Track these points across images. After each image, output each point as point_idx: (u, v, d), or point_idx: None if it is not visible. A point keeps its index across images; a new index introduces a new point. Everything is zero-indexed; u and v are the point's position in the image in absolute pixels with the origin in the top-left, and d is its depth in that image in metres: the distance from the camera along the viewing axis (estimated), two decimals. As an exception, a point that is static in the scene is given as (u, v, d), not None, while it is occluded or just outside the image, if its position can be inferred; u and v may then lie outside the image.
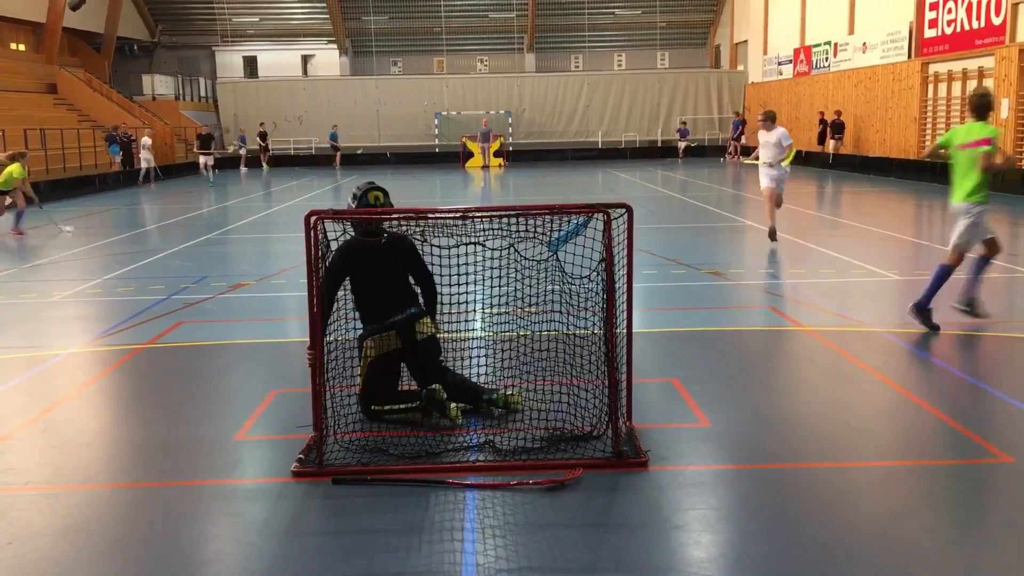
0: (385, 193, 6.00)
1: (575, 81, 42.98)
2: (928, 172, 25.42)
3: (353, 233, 5.80)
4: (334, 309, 5.81)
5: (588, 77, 43.30)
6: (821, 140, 32.60)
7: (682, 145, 39.63)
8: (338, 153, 38.75)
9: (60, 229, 8.68)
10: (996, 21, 22.77)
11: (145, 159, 30.05)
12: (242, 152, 37.48)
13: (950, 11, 25.04)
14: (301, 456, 5.34)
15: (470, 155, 37.60)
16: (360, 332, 6.08)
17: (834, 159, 31.49)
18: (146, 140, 30.20)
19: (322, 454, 5.25)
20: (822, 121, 32.51)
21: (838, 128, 31.41)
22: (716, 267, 11.83)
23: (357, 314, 6.05)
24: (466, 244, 5.58)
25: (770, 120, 13.44)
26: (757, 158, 13.70)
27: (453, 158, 38.73)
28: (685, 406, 6.30)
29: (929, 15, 26.21)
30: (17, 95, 31.62)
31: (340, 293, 5.85)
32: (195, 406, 6.61)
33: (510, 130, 41.11)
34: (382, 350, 5.93)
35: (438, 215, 5.48)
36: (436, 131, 41.65)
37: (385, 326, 5.91)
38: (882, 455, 5.49)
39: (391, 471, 5.16)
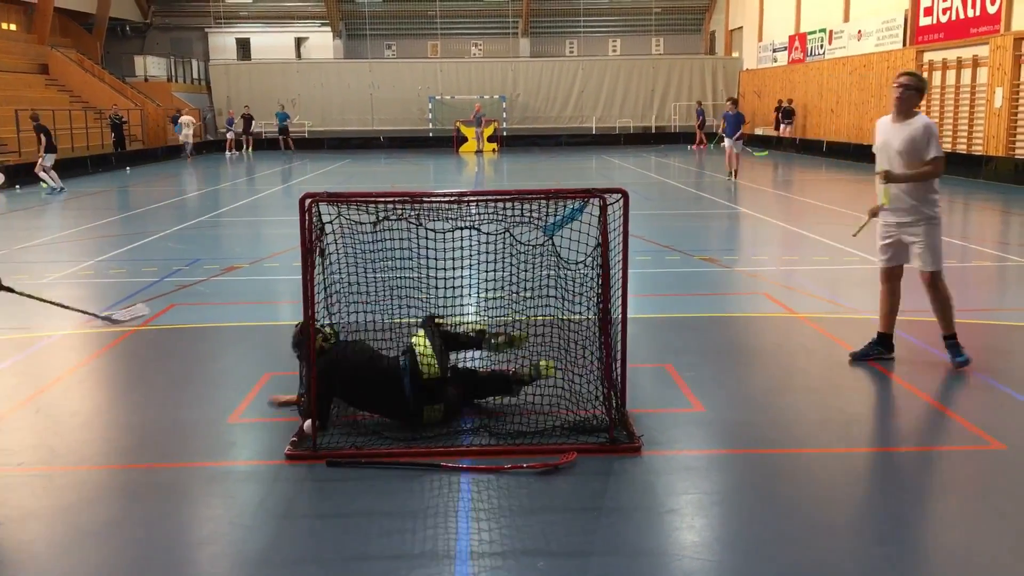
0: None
1: (570, 66, 42.84)
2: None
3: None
4: (330, 294, 5.80)
5: (583, 62, 43.16)
6: (777, 126, 35.87)
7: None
8: (285, 138, 37.62)
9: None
10: (991, 10, 22.75)
11: (185, 135, 33.96)
12: (229, 136, 37.16)
13: (945, -1, 25.04)
14: (295, 439, 5.34)
15: (464, 140, 37.45)
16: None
17: (827, 147, 31.55)
18: (188, 119, 34.25)
19: (316, 437, 5.25)
20: (777, 108, 35.61)
21: (788, 114, 34.69)
22: (709, 254, 11.84)
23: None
24: (461, 228, 5.57)
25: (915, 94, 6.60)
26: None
27: (447, 143, 38.60)
28: (679, 391, 6.32)
29: (924, 3, 26.17)
30: (8, 75, 31.38)
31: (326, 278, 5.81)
32: (189, 388, 6.60)
33: (504, 115, 40.96)
34: None
35: (433, 199, 5.47)
36: (430, 115, 41.46)
37: None
38: (874, 441, 5.51)
39: (385, 455, 5.16)
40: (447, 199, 5.45)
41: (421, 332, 5.61)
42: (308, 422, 5.30)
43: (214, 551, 4.22)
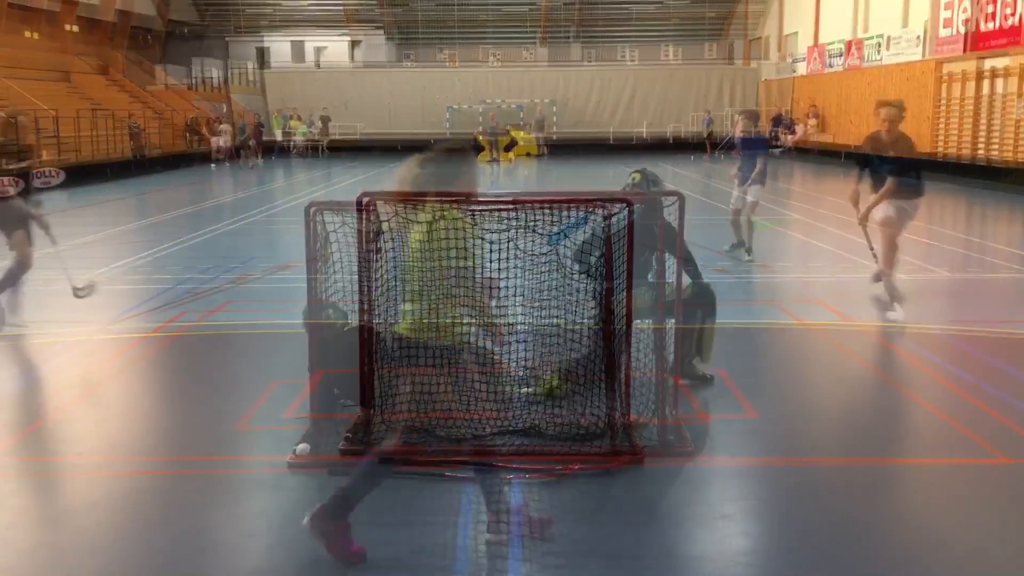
0: None
1: (621, 74, 43.21)
2: (942, 169, 25.19)
3: None
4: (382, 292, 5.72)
5: (634, 69, 43.66)
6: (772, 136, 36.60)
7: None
8: (245, 149, 36.26)
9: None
10: (1011, 21, 22.62)
11: (224, 141, 35.44)
12: (252, 143, 36.94)
13: (965, 11, 24.90)
14: (348, 435, 5.31)
15: (512, 145, 36.83)
16: None
17: (847, 156, 31.32)
18: (227, 127, 35.87)
19: (371, 433, 5.08)
20: (775, 119, 36.19)
21: (788, 124, 36.03)
22: (724, 264, 11.78)
23: None
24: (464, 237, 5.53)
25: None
26: None
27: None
28: (685, 401, 6.27)
29: (944, 14, 26.05)
30: (30, 83, 31.69)
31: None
32: (196, 396, 6.62)
33: (554, 119, 40.89)
34: None
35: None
36: (480, 120, 40.61)
37: None
38: (884, 453, 5.46)
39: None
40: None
41: None
42: (303, 445, 5.29)
43: (218, 558, 4.22)
